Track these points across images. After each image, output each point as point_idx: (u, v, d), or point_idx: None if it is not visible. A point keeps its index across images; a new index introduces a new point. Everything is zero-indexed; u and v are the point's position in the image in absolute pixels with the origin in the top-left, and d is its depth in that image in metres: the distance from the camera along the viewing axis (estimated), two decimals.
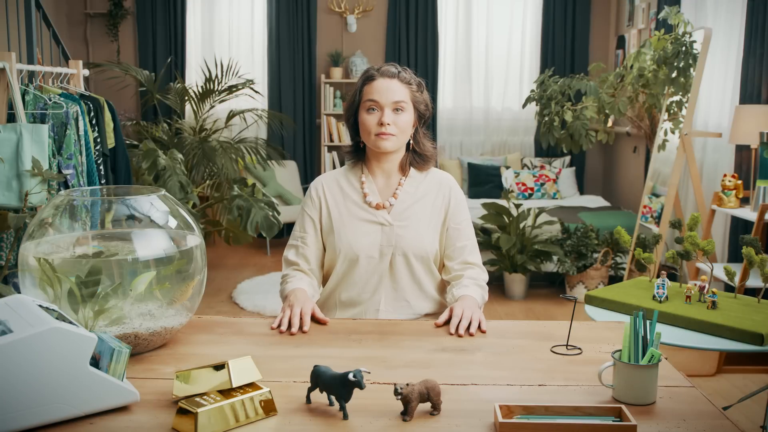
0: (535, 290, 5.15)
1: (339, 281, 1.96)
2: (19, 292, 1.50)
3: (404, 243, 1.92)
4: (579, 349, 1.58)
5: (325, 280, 2.03)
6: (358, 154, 2.02)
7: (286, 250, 2.01)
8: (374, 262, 1.92)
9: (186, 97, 5.56)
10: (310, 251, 1.98)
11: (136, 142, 5.16)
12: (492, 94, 6.87)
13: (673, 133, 4.36)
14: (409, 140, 1.99)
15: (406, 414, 1.21)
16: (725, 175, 3.83)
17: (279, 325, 1.70)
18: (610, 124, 5.80)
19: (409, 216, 1.95)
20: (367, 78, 1.95)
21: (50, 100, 3.09)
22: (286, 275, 1.97)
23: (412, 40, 6.69)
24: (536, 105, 5.13)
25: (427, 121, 2.02)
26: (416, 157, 2.01)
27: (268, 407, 1.23)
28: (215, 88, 5.42)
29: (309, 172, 6.87)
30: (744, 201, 3.90)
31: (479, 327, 1.71)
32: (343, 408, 1.22)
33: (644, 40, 5.14)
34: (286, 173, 6.54)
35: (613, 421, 1.19)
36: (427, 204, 1.98)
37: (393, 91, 1.90)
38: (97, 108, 3.34)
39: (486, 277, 2.00)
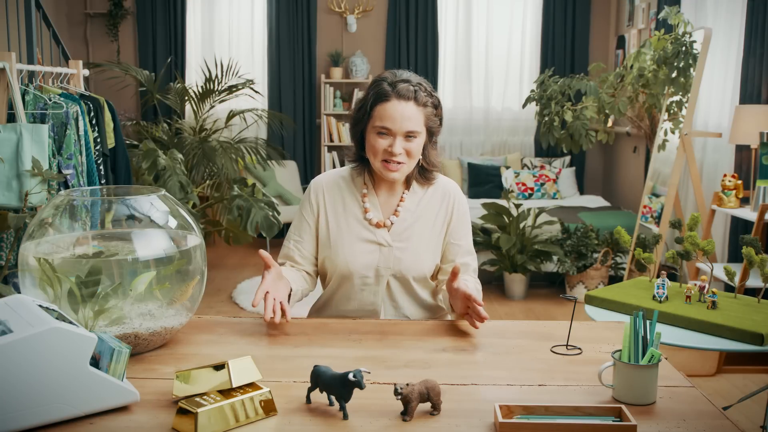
0: (535, 290, 5.15)
1: (333, 293, 1.92)
2: (19, 292, 1.50)
3: (403, 266, 1.86)
4: (579, 349, 1.57)
5: (324, 284, 1.98)
6: (363, 162, 1.91)
7: (280, 253, 1.96)
8: (369, 282, 1.86)
9: (186, 97, 5.57)
10: (300, 255, 1.92)
11: (136, 142, 5.17)
12: (492, 94, 6.87)
13: (673, 133, 4.37)
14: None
15: (406, 414, 1.21)
16: (725, 175, 3.83)
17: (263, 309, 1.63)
18: (610, 124, 5.80)
19: (409, 236, 1.88)
20: (381, 96, 1.77)
21: (50, 100, 3.09)
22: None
23: (412, 40, 6.69)
24: (536, 105, 5.13)
25: (436, 134, 1.89)
26: (422, 172, 1.91)
27: (268, 407, 1.23)
28: (215, 88, 5.42)
29: (309, 172, 6.87)
30: (744, 201, 3.90)
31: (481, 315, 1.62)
32: (343, 408, 1.22)
33: (644, 40, 5.15)
34: (286, 173, 6.55)
35: (613, 421, 1.19)
36: (429, 221, 1.91)
37: (408, 119, 1.75)
38: (97, 108, 3.34)
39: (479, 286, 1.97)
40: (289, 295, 1.78)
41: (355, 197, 1.91)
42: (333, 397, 1.25)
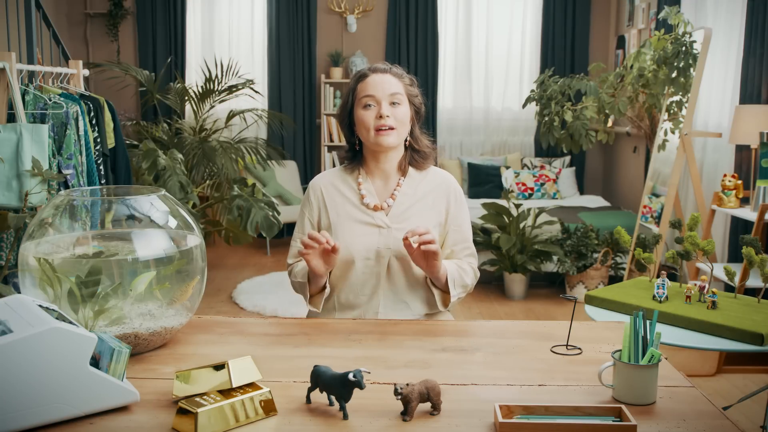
0: (535, 290, 5.15)
1: (336, 283, 1.95)
2: (19, 292, 1.50)
3: (402, 246, 1.89)
4: (579, 349, 1.58)
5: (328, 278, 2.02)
6: (356, 156, 2.01)
7: (288, 254, 2.01)
8: (370, 264, 1.90)
9: (186, 97, 5.57)
10: None
11: (136, 142, 5.17)
12: (492, 94, 6.87)
13: (673, 133, 4.37)
14: (407, 139, 1.97)
15: (406, 414, 1.21)
16: (725, 175, 3.83)
17: (306, 247, 1.76)
18: (610, 124, 5.80)
19: (407, 218, 1.93)
20: (360, 77, 1.95)
21: (50, 100, 3.09)
22: (291, 269, 1.98)
23: (412, 40, 6.69)
24: (536, 105, 5.13)
25: (422, 117, 2.01)
26: (415, 155, 1.99)
27: (268, 407, 1.23)
28: (215, 88, 5.42)
29: (309, 172, 6.87)
30: (744, 201, 3.90)
31: (424, 241, 1.74)
32: (343, 408, 1.22)
33: (644, 40, 5.15)
34: (286, 173, 6.55)
35: (613, 421, 1.19)
36: (426, 205, 1.96)
37: (388, 84, 1.91)
38: (97, 108, 3.34)
39: (473, 274, 1.98)
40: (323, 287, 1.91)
41: (351, 187, 1.99)
42: (333, 397, 1.25)
